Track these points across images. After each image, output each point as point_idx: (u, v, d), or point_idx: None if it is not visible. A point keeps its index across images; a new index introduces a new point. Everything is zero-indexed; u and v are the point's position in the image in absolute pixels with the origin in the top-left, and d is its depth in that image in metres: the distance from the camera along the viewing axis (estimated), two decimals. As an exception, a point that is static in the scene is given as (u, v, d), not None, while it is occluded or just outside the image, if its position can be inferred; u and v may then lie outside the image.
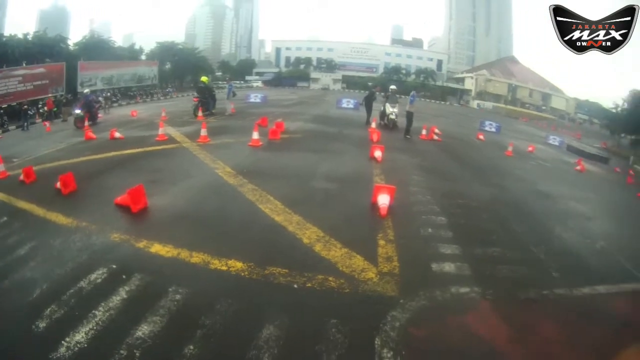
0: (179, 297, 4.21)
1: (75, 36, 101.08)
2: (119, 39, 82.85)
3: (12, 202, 7.71)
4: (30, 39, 44.42)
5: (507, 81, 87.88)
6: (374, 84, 43.38)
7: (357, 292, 4.65)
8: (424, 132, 19.19)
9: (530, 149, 23.40)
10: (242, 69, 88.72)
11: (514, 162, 17.37)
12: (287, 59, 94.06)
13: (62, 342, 3.53)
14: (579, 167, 20.27)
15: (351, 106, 31.50)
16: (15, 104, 32.24)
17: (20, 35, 44.25)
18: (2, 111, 30.44)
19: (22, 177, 9.06)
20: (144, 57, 64.32)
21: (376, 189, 7.74)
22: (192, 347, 3.49)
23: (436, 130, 20.07)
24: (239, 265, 4.94)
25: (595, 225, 9.59)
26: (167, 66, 66.47)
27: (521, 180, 13.39)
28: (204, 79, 24.39)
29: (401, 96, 20.99)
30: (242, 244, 5.63)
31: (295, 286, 4.63)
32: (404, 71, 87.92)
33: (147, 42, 70.27)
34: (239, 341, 3.66)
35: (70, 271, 4.74)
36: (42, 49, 42.90)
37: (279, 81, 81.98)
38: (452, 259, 5.87)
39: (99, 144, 13.81)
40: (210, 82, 27.61)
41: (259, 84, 78.55)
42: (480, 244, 6.59)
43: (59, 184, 7.93)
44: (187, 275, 4.70)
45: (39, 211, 7.01)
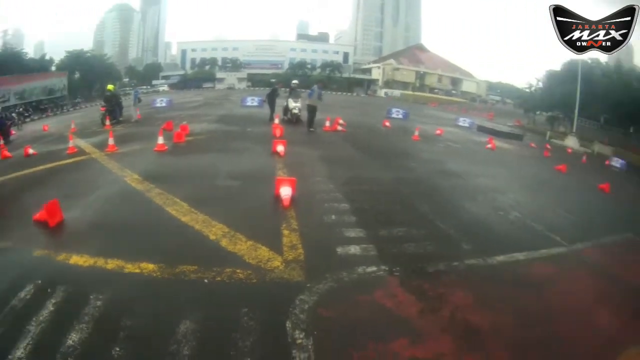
0: (99, 303, 4.45)
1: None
2: (30, 48, 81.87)
3: None
4: None
5: (415, 69, 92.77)
6: (276, 81, 43.87)
7: (265, 280, 5.06)
8: (328, 123, 20.06)
9: (438, 132, 24.92)
10: (149, 74, 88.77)
11: (421, 145, 18.61)
12: (193, 61, 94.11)
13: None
14: (489, 146, 22.01)
15: (255, 104, 32.57)
16: None
17: None
18: None
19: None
20: (54, 68, 65.32)
21: (278, 181, 8.28)
22: (118, 349, 3.75)
23: (340, 121, 21.09)
24: (151, 267, 5.25)
25: (507, 198, 10.58)
26: (77, 76, 67.97)
27: (428, 162, 14.42)
28: (110, 87, 24.91)
29: (304, 91, 21.55)
30: (153, 246, 5.96)
31: (205, 281, 4.99)
32: (309, 66, 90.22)
33: (57, 51, 70.82)
34: (159, 338, 3.94)
35: (1, 292, 4.78)
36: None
37: (184, 84, 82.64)
38: (357, 241, 6.38)
39: (15, 162, 13.56)
40: (117, 90, 27.63)
41: (165, 87, 79.49)
42: (385, 226, 7.16)
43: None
44: (105, 281, 4.95)
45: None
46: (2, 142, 18.93)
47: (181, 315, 4.23)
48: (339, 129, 19.89)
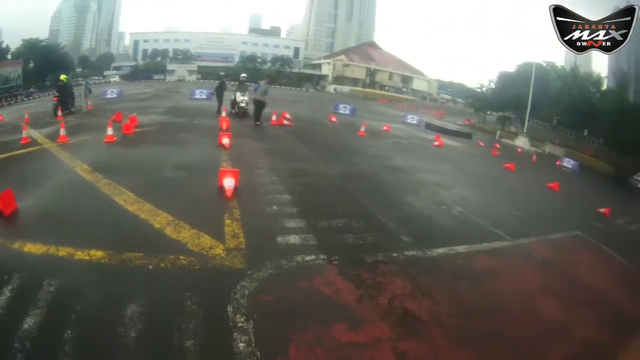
0: (52, 289, 4.56)
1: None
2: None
3: None
4: None
5: (365, 65, 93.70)
6: (225, 74, 43.67)
7: (207, 267, 5.29)
8: (274, 117, 20.33)
9: (385, 128, 25.60)
10: (101, 64, 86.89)
11: (366, 141, 19.15)
12: (145, 52, 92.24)
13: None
14: (437, 143, 22.72)
15: (204, 97, 32.46)
16: None
17: None
18: None
19: None
20: (9, 56, 63.97)
21: (221, 172, 8.48)
22: (69, 332, 3.88)
23: (287, 115, 21.32)
24: (100, 253, 5.38)
25: (451, 193, 11.11)
26: (31, 65, 66.28)
27: (373, 157, 14.92)
28: (63, 77, 24.14)
29: (252, 84, 21.60)
30: (101, 234, 6.08)
31: (150, 267, 5.18)
32: (259, 60, 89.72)
33: (15, 40, 69.06)
34: (108, 321, 4.10)
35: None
36: None
37: (135, 75, 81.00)
38: (297, 231, 6.68)
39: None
40: (69, 80, 26.63)
41: (117, 78, 78.06)
42: (325, 217, 7.49)
43: None
44: (57, 268, 5.07)
45: None
46: None
47: (127, 299, 4.39)
48: (286, 123, 20.20)
